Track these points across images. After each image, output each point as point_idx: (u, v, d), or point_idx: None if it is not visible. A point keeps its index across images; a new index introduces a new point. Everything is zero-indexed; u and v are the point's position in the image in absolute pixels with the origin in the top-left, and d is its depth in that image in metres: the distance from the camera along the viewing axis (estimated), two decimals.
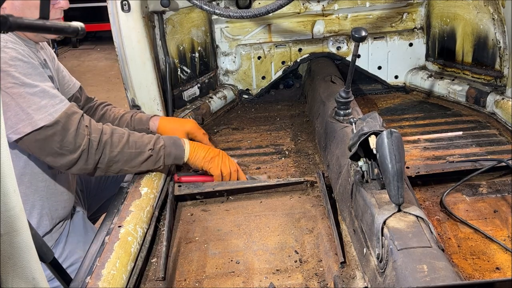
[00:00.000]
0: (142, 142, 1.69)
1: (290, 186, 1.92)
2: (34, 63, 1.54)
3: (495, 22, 2.34)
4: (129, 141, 1.66)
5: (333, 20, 2.83)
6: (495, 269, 1.41)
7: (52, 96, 1.52)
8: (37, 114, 1.47)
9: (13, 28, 0.83)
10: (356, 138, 1.43)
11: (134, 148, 1.67)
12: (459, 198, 1.77)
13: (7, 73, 1.44)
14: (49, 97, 1.51)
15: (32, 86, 1.49)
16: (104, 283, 1.29)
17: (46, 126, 1.48)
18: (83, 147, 1.54)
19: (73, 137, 1.52)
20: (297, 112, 2.75)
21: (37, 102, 1.48)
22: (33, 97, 1.48)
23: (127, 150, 1.65)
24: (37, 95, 1.48)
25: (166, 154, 1.75)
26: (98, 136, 1.59)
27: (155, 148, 1.71)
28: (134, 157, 1.68)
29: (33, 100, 1.47)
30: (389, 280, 1.17)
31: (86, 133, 1.55)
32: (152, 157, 1.72)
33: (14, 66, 1.47)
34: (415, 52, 2.89)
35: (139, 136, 1.72)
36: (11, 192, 0.83)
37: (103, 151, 1.60)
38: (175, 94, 2.51)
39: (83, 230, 1.90)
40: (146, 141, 1.71)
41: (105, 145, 1.61)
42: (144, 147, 1.69)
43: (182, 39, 2.54)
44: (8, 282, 0.86)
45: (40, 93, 1.49)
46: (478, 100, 2.44)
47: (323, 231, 1.64)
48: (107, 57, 7.05)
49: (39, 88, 1.50)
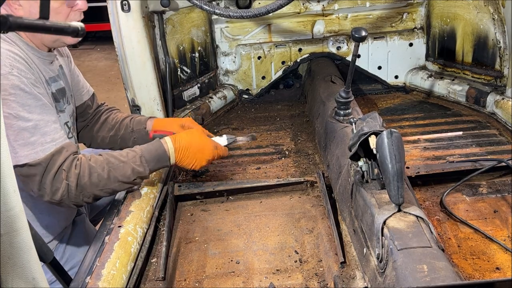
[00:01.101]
0: (124, 173, 1.59)
1: (290, 186, 1.92)
2: (37, 95, 1.48)
3: (495, 22, 2.34)
4: (109, 178, 1.57)
5: (333, 20, 2.83)
6: (495, 269, 1.41)
7: (43, 134, 1.47)
8: (23, 150, 1.43)
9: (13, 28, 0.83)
10: (356, 138, 1.43)
11: (117, 182, 1.59)
12: (459, 198, 1.77)
13: (5, 101, 1.40)
14: (40, 135, 1.46)
15: (26, 120, 1.43)
16: (104, 283, 1.29)
17: (29, 164, 1.44)
18: (62, 191, 1.49)
19: (51, 182, 1.47)
20: (297, 112, 2.75)
21: (26, 138, 1.43)
22: (24, 131, 1.43)
23: (110, 186, 1.58)
24: (28, 130, 1.43)
25: (152, 170, 1.67)
26: (75, 182, 1.51)
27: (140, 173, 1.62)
28: (119, 188, 1.62)
29: (22, 135, 1.43)
30: (389, 280, 1.17)
31: (64, 177, 1.49)
32: (138, 181, 1.66)
33: (14, 95, 1.42)
34: (415, 52, 2.89)
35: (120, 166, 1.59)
36: (11, 192, 0.83)
37: (83, 192, 1.54)
38: (175, 94, 2.51)
39: (84, 234, 1.89)
40: (128, 169, 1.59)
41: (84, 187, 1.53)
42: (127, 178, 1.60)
43: (182, 39, 2.54)
44: (8, 282, 0.86)
45: (31, 128, 1.44)
46: (478, 100, 2.44)
47: (323, 231, 1.64)
48: (107, 57, 7.04)
49: (31, 123, 1.44)
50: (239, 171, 2.10)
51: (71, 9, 1.59)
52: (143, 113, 2.28)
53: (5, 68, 1.42)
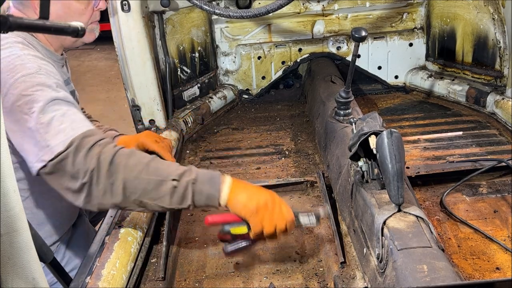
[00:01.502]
0: (166, 170, 1.36)
1: (290, 186, 1.91)
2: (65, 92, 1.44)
3: (495, 22, 2.34)
4: (149, 166, 1.35)
5: (333, 20, 2.82)
6: (495, 269, 1.41)
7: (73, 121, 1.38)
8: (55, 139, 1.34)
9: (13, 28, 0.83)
10: (356, 138, 1.43)
11: (154, 175, 1.34)
12: (459, 198, 1.77)
13: (33, 97, 1.36)
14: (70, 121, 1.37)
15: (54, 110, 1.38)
16: (104, 283, 1.29)
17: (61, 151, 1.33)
18: (92, 166, 1.31)
19: (84, 157, 1.31)
20: (297, 112, 2.75)
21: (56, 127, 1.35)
22: (53, 122, 1.36)
23: (145, 176, 1.33)
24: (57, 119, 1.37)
25: (196, 191, 1.35)
26: (110, 157, 1.33)
27: (181, 180, 1.34)
28: (154, 186, 1.34)
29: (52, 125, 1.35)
30: (389, 280, 1.17)
31: (96, 152, 1.33)
32: (177, 191, 1.34)
33: (41, 90, 1.38)
34: (415, 52, 2.89)
35: (167, 164, 1.40)
36: (11, 192, 0.83)
37: (115, 174, 1.32)
38: (175, 94, 2.51)
39: (85, 235, 1.89)
40: (173, 169, 1.37)
41: (117, 167, 1.32)
42: (167, 175, 1.35)
43: (182, 39, 2.54)
44: (8, 282, 0.86)
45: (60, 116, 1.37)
46: (478, 100, 2.44)
47: (323, 231, 1.64)
48: (107, 57, 7.04)
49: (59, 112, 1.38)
50: (239, 171, 2.10)
51: (93, 9, 1.60)
52: (143, 113, 2.28)
53: (32, 68, 1.41)
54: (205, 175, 1.38)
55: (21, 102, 1.35)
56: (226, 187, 1.37)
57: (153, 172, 1.35)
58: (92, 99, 5.59)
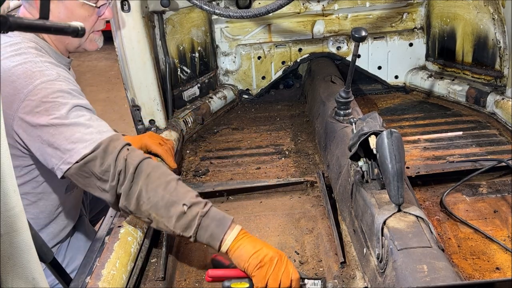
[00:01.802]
0: (183, 194, 1.36)
1: (290, 186, 1.92)
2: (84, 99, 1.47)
3: (495, 22, 2.34)
4: (168, 184, 1.36)
5: (333, 20, 2.82)
6: (495, 269, 1.41)
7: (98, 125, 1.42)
8: (80, 143, 1.36)
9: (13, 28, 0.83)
10: (356, 138, 1.43)
11: (169, 194, 1.35)
12: (459, 198, 1.77)
13: (54, 104, 1.37)
14: (95, 126, 1.41)
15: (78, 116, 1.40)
16: (104, 283, 1.29)
17: (87, 153, 1.35)
18: (119, 168, 1.34)
19: (114, 160, 1.35)
20: (297, 112, 2.75)
21: (82, 131, 1.38)
22: (78, 126, 1.38)
23: (161, 191, 1.35)
24: (82, 125, 1.39)
25: (202, 225, 1.34)
26: (137, 162, 1.36)
27: (192, 209, 1.34)
28: (165, 204, 1.35)
29: (77, 129, 1.38)
30: (389, 280, 1.17)
31: (124, 155, 1.36)
32: (184, 217, 1.34)
33: (62, 97, 1.40)
34: (415, 52, 2.89)
35: (187, 189, 1.39)
36: (11, 192, 0.83)
37: (136, 180, 1.35)
38: (175, 94, 2.51)
39: (85, 236, 1.89)
40: (189, 196, 1.36)
41: (140, 174, 1.36)
42: (181, 199, 1.35)
43: (182, 39, 2.54)
44: (8, 282, 0.86)
45: (86, 121, 1.40)
46: (478, 100, 2.44)
47: (323, 231, 1.64)
48: (107, 57, 7.04)
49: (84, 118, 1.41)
50: (239, 171, 2.10)
51: (98, 18, 1.59)
52: (143, 113, 2.28)
53: (51, 74, 1.41)
54: (217, 214, 1.36)
55: (41, 108, 1.36)
56: (233, 234, 1.34)
57: (170, 191, 1.36)
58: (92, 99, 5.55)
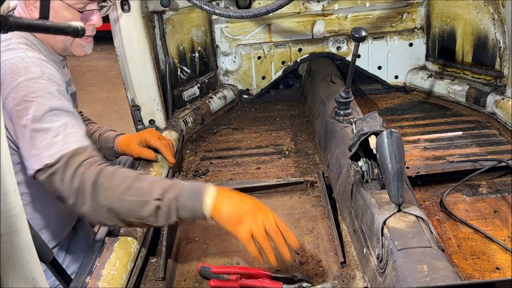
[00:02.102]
0: (149, 190, 1.33)
1: (290, 186, 1.91)
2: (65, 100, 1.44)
3: (495, 22, 2.34)
4: (131, 187, 1.33)
5: (333, 20, 2.82)
6: (495, 269, 1.41)
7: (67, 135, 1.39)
8: (47, 150, 1.34)
9: (13, 28, 0.83)
10: (356, 138, 1.43)
11: (137, 196, 1.32)
12: (459, 198, 1.77)
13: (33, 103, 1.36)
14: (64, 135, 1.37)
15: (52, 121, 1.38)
16: (104, 283, 1.29)
17: (50, 164, 1.34)
18: (76, 187, 1.32)
19: (71, 177, 1.32)
20: (297, 112, 2.75)
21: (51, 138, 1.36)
22: (49, 132, 1.36)
23: (128, 197, 1.32)
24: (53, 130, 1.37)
25: (180, 206, 1.33)
26: (93, 178, 1.32)
27: (164, 199, 1.32)
28: (137, 207, 1.32)
29: (47, 135, 1.36)
30: (389, 280, 1.17)
31: (81, 173, 1.33)
32: (161, 210, 1.32)
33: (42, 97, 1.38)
34: (415, 52, 2.89)
35: (150, 181, 1.37)
36: (11, 192, 0.83)
37: (99, 196, 1.32)
38: (175, 94, 2.51)
39: (85, 238, 1.89)
40: (156, 187, 1.34)
41: (100, 189, 1.32)
42: (150, 195, 1.32)
43: (182, 39, 2.54)
44: (8, 282, 0.86)
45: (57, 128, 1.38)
46: (478, 100, 2.44)
47: (323, 231, 1.64)
48: (107, 57, 7.04)
49: (57, 124, 1.38)
50: (239, 171, 2.10)
51: (85, 23, 1.58)
52: (143, 113, 2.28)
53: (35, 72, 1.41)
54: (188, 189, 1.35)
55: (21, 107, 1.36)
56: (209, 199, 1.33)
57: (136, 193, 1.33)
58: (92, 99, 5.59)
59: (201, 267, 1.47)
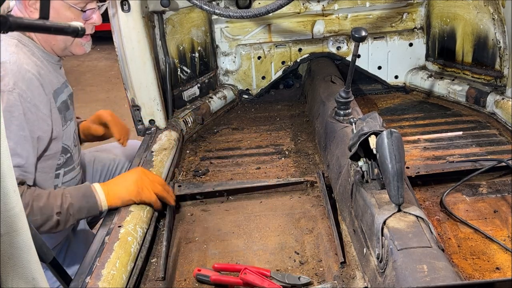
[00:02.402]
0: (48, 206, 1.48)
1: (290, 186, 1.91)
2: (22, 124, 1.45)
3: (495, 22, 2.34)
4: (33, 209, 1.46)
5: (333, 20, 2.82)
6: (495, 269, 1.41)
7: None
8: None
9: (13, 28, 0.83)
10: (356, 138, 1.43)
11: (40, 215, 1.47)
12: (459, 198, 1.77)
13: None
14: None
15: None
16: (104, 283, 1.29)
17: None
18: None
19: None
20: (297, 112, 2.75)
21: None
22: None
23: (33, 218, 1.45)
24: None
25: (75, 211, 1.52)
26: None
27: (62, 211, 1.49)
28: (42, 223, 1.48)
29: None
30: (389, 280, 1.17)
31: None
32: (61, 220, 1.50)
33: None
34: (415, 52, 2.89)
35: (45, 198, 1.50)
36: (11, 192, 0.83)
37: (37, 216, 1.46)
38: (175, 94, 2.51)
39: (84, 239, 1.89)
40: (53, 202, 1.49)
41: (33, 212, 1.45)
42: (51, 210, 1.48)
43: (182, 39, 2.54)
44: (8, 282, 0.86)
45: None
46: (478, 100, 2.44)
47: (323, 231, 1.64)
48: (107, 57, 7.04)
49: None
50: (239, 171, 2.10)
51: (85, 22, 1.58)
52: (143, 113, 2.28)
53: (9, 83, 1.41)
54: (78, 194, 1.52)
55: None
56: (101, 194, 1.53)
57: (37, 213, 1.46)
58: (92, 99, 5.58)
59: (196, 274, 1.45)
